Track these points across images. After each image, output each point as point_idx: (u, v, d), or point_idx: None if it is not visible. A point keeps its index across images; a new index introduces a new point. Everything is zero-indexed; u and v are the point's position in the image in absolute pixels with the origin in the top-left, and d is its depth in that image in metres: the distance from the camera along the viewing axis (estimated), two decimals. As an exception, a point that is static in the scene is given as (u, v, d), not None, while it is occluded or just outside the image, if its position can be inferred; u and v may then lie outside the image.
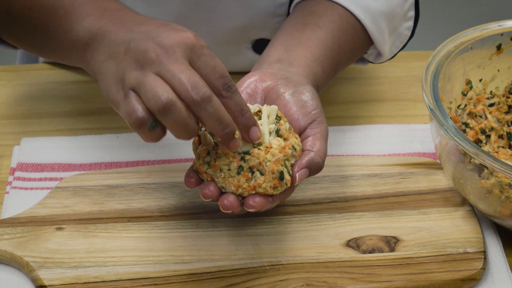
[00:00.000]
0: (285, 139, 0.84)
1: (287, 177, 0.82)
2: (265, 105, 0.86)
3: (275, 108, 0.85)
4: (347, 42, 1.00)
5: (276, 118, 0.85)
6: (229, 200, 0.81)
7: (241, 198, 0.83)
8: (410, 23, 1.06)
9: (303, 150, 0.85)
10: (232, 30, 1.10)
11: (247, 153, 0.82)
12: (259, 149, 0.82)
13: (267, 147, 0.82)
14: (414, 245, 0.91)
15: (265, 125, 0.83)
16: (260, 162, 0.81)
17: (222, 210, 0.82)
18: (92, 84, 1.14)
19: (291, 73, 0.91)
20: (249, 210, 0.82)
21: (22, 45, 0.97)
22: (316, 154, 0.84)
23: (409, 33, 1.07)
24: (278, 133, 0.84)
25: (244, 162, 0.81)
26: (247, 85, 0.89)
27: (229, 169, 0.82)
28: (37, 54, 0.99)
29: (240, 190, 0.82)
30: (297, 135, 0.86)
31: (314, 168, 0.84)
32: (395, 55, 1.09)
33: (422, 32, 2.69)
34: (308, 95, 0.88)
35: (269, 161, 0.81)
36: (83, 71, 1.15)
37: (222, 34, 1.10)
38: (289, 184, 0.83)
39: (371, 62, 1.10)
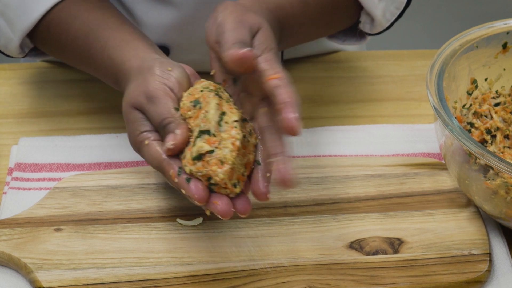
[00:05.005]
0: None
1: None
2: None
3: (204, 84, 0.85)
4: None
5: (216, 93, 0.84)
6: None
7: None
8: None
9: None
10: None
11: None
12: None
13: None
14: (418, 246, 0.91)
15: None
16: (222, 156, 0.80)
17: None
18: (91, 83, 1.13)
19: None
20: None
21: (62, 59, 1.02)
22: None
23: None
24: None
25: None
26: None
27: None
28: (76, 66, 1.03)
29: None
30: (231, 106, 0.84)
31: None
32: (392, 24, 1.07)
33: (427, 31, 2.70)
34: (217, 8, 0.87)
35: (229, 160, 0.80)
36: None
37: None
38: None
39: (370, 34, 1.08)
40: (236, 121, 0.81)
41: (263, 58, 0.82)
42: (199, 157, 0.79)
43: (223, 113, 0.81)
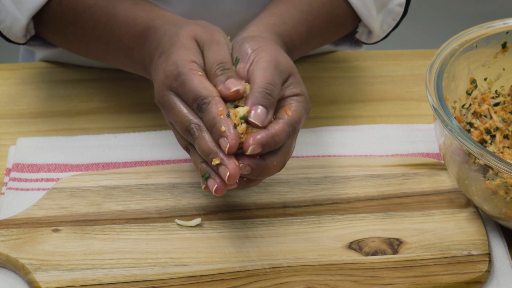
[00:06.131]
0: None
1: None
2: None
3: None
4: (320, 4, 1.00)
5: None
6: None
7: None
8: (402, 0, 1.05)
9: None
10: (230, 27, 1.09)
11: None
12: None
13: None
14: (417, 247, 0.90)
15: None
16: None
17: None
18: (90, 83, 1.13)
19: (242, 34, 0.92)
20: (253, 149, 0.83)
21: (70, 43, 1.02)
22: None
23: (401, 10, 1.06)
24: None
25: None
26: None
27: None
28: (82, 50, 1.02)
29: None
30: None
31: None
32: (388, 34, 1.08)
33: (426, 30, 2.70)
34: (246, 45, 0.88)
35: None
36: (81, 70, 1.15)
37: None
38: None
39: (365, 43, 1.08)
40: None
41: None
42: (245, 118, 0.83)
43: None
